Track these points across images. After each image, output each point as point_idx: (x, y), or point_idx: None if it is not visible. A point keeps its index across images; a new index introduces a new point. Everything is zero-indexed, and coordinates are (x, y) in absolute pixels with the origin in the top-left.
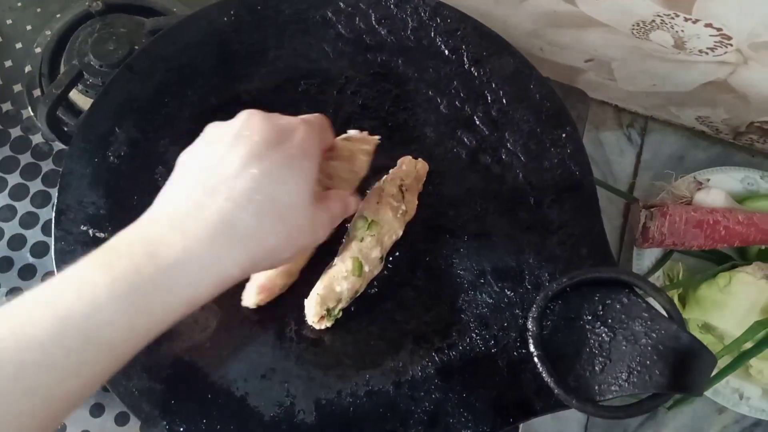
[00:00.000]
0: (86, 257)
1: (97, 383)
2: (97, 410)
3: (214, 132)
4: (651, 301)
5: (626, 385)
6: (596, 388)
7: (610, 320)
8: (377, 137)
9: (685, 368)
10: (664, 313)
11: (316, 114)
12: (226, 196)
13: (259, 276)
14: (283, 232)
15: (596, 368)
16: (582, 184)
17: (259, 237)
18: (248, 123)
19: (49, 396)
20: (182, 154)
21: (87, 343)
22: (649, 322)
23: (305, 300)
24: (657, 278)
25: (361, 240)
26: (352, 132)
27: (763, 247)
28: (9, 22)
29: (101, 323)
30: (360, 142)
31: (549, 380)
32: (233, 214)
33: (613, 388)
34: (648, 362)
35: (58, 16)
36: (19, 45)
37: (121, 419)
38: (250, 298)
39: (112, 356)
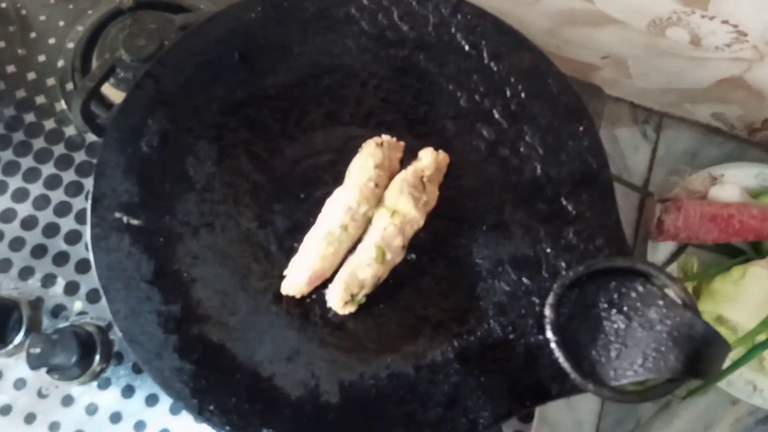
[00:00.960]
0: None
1: None
2: (128, 391)
3: None
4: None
5: (641, 370)
6: (611, 373)
7: (625, 308)
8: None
9: (700, 355)
10: (679, 301)
11: None
12: None
13: (310, 266)
14: None
15: (612, 354)
16: (598, 176)
17: None
18: None
19: None
20: None
21: None
22: (664, 310)
23: (330, 285)
24: (671, 271)
25: (384, 229)
26: (385, 137)
27: None
28: (42, 18)
29: None
30: (395, 150)
31: (566, 365)
32: None
33: (628, 373)
34: (663, 348)
35: (90, 12)
36: (52, 40)
37: (152, 401)
38: (298, 287)
39: None
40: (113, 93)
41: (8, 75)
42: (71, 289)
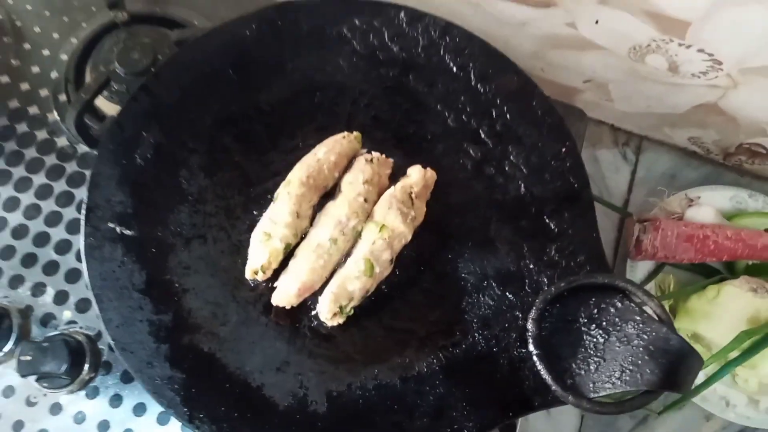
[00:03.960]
0: None
1: None
2: (116, 400)
3: None
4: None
5: (619, 382)
6: (590, 385)
7: (604, 323)
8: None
9: (674, 368)
10: (655, 317)
11: None
12: None
13: (299, 277)
14: None
15: (591, 367)
16: (580, 195)
17: None
18: None
19: None
20: None
21: None
22: (641, 325)
23: (319, 298)
24: (649, 289)
25: (373, 243)
26: (375, 154)
27: (750, 262)
28: (37, 30)
29: None
30: (384, 166)
31: (547, 378)
32: None
33: (606, 385)
34: (639, 362)
35: (84, 25)
36: (46, 52)
37: (139, 410)
38: (288, 298)
39: None
40: (106, 105)
41: (1, 85)
42: (61, 298)
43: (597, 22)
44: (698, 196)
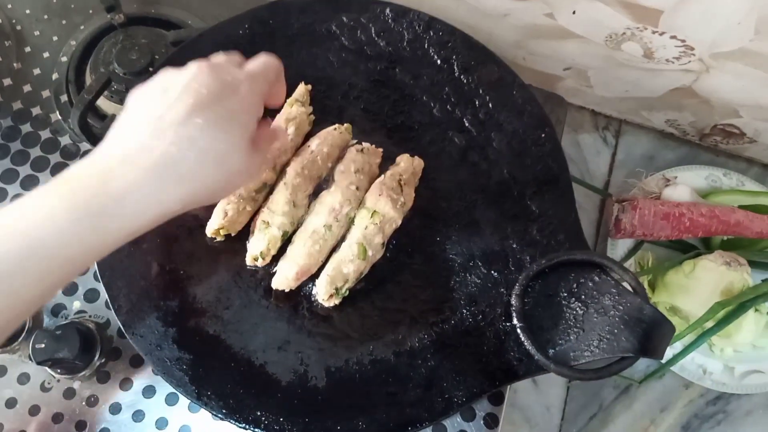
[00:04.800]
0: (48, 185)
1: (55, 290)
2: (125, 384)
3: (166, 80)
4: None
5: (597, 350)
6: (571, 354)
7: (583, 296)
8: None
9: (648, 335)
10: (630, 289)
11: (265, 61)
12: (172, 140)
13: (297, 262)
14: (221, 175)
15: (571, 337)
16: (559, 178)
17: (200, 178)
18: (198, 76)
19: (18, 299)
20: (133, 93)
21: (49, 259)
22: (617, 297)
23: (316, 281)
24: (629, 266)
25: (366, 228)
26: (366, 144)
27: (725, 237)
28: (37, 33)
29: (62, 243)
30: (374, 156)
31: (530, 348)
32: (177, 157)
33: (586, 354)
34: (616, 331)
35: (82, 27)
36: (46, 54)
37: (149, 392)
38: (287, 282)
39: (69, 269)
40: (106, 104)
41: (5, 88)
42: (70, 289)
43: (574, 12)
44: (675, 176)
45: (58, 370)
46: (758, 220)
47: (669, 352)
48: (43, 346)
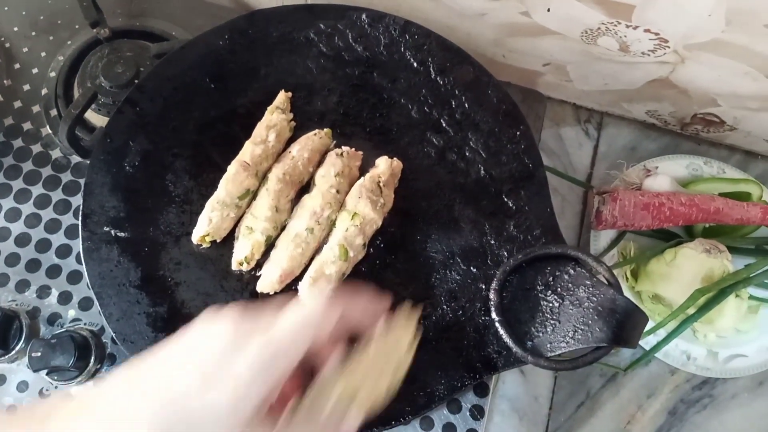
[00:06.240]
0: None
1: None
2: None
3: (205, 353)
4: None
5: (572, 341)
6: (548, 345)
7: (559, 288)
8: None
9: (621, 325)
10: (604, 281)
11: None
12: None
13: (281, 265)
14: None
15: (548, 329)
16: (534, 174)
17: None
18: (233, 363)
19: None
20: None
21: None
22: (591, 288)
23: (299, 283)
24: (612, 256)
25: (346, 230)
26: (345, 148)
27: (707, 225)
28: (25, 50)
29: None
30: (353, 159)
31: (509, 341)
32: None
33: (562, 345)
34: (590, 321)
35: (69, 42)
36: (35, 70)
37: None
38: (272, 285)
39: None
40: (95, 117)
41: None
42: (64, 298)
43: (549, 9)
44: (656, 166)
45: (55, 377)
46: (738, 207)
47: (653, 339)
48: (39, 354)
